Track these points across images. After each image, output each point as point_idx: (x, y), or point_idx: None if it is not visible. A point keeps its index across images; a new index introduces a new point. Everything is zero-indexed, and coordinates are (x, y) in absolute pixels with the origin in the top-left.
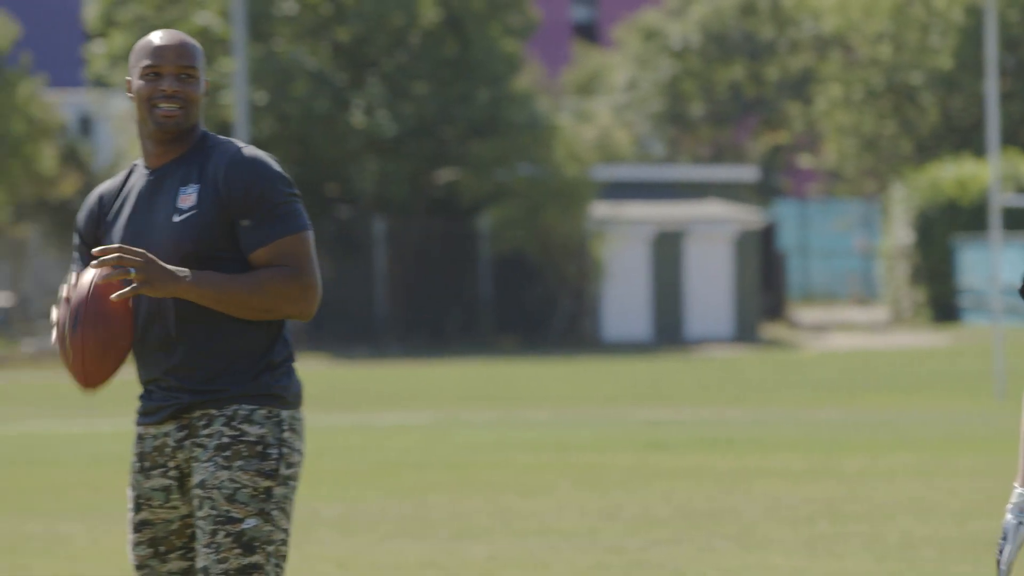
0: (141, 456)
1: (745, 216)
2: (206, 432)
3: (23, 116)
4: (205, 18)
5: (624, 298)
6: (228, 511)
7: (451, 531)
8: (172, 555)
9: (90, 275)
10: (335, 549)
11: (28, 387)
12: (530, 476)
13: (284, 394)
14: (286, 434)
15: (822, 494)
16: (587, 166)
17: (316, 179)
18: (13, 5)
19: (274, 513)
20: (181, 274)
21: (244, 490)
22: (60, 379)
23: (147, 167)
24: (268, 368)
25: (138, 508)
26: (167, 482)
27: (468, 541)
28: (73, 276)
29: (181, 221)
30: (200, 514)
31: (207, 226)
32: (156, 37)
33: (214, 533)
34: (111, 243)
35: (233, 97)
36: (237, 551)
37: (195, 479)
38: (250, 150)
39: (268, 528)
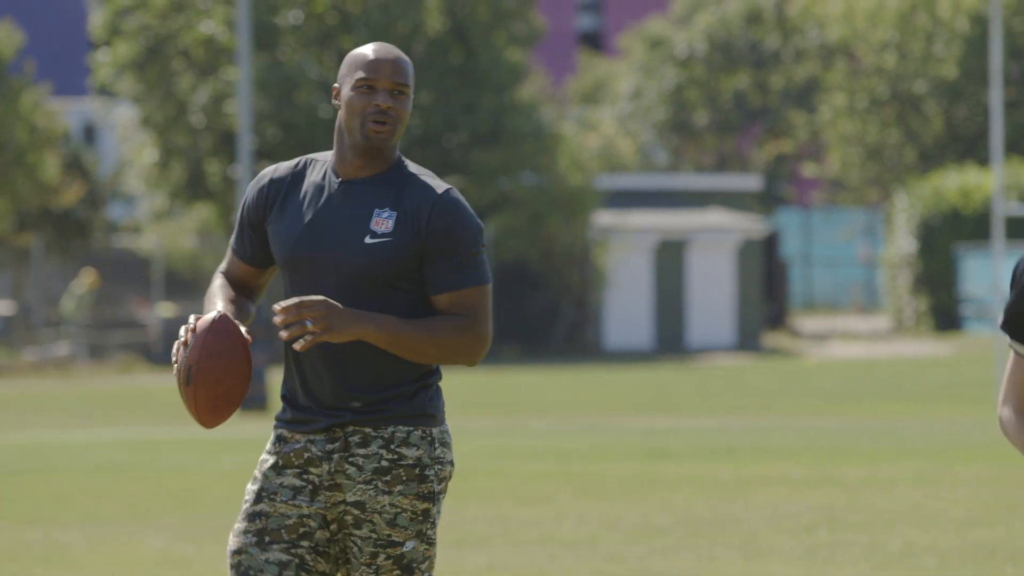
0: (278, 455)
1: (748, 225)
2: (362, 452)
3: (26, 124)
4: (210, 27)
5: (626, 307)
6: (389, 535)
7: (451, 539)
8: (275, 545)
9: (208, 321)
10: None
11: (29, 396)
12: (530, 485)
13: (436, 412)
14: (438, 451)
15: (823, 503)
16: (591, 175)
17: None
18: (18, 13)
19: (429, 532)
20: (362, 317)
21: (404, 514)
22: (61, 388)
23: (337, 174)
24: (424, 388)
25: (257, 500)
26: (300, 483)
27: (468, 549)
28: (192, 319)
29: (374, 244)
30: (359, 533)
31: (399, 256)
32: (371, 50)
33: (374, 555)
34: (280, 235)
35: (237, 106)
36: (397, 573)
37: (349, 497)
38: (455, 193)
39: (424, 547)
